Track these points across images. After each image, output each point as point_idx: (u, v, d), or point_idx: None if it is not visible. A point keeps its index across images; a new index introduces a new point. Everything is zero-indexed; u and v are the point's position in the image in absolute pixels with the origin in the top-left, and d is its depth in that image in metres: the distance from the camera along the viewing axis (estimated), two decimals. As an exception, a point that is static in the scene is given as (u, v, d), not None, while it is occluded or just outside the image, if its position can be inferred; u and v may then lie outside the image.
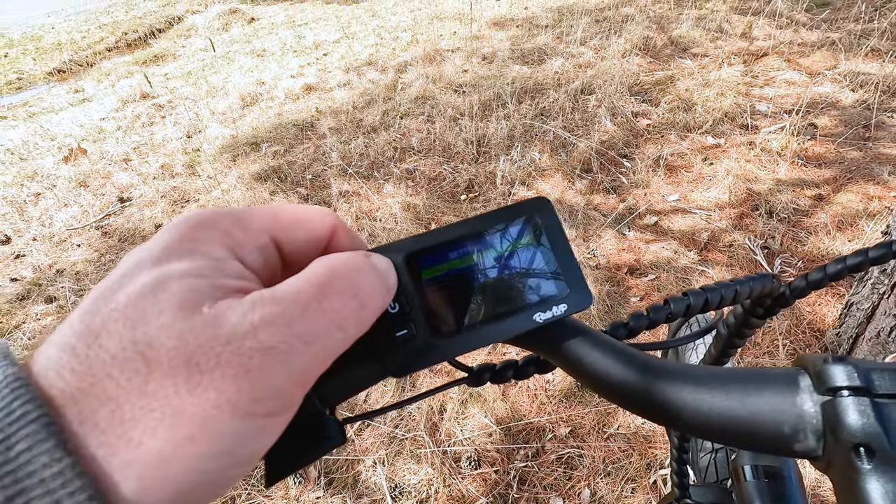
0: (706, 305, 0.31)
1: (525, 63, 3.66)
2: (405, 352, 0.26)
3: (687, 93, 2.99)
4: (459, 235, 0.28)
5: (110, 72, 5.14)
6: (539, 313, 0.27)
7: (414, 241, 0.27)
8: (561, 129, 2.77)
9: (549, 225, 0.29)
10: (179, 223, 0.20)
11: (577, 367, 0.28)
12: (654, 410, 0.25)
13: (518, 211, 0.29)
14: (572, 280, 0.28)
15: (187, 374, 0.16)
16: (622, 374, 0.26)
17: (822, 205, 2.12)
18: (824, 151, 2.43)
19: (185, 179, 2.90)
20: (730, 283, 0.32)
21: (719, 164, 2.43)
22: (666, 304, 0.31)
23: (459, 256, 0.28)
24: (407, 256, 0.27)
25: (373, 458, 1.48)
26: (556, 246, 0.29)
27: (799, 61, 3.21)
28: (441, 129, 2.92)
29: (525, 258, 0.28)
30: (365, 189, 2.58)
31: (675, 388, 0.25)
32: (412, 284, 0.27)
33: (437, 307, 0.26)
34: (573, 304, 0.28)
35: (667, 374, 0.25)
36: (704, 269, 1.90)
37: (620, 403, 0.27)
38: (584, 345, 0.27)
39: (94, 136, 3.62)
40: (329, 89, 3.73)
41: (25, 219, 2.75)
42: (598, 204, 2.32)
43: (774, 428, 0.22)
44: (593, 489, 1.35)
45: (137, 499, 0.15)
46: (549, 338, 0.28)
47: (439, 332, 0.26)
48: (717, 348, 0.44)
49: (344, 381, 0.26)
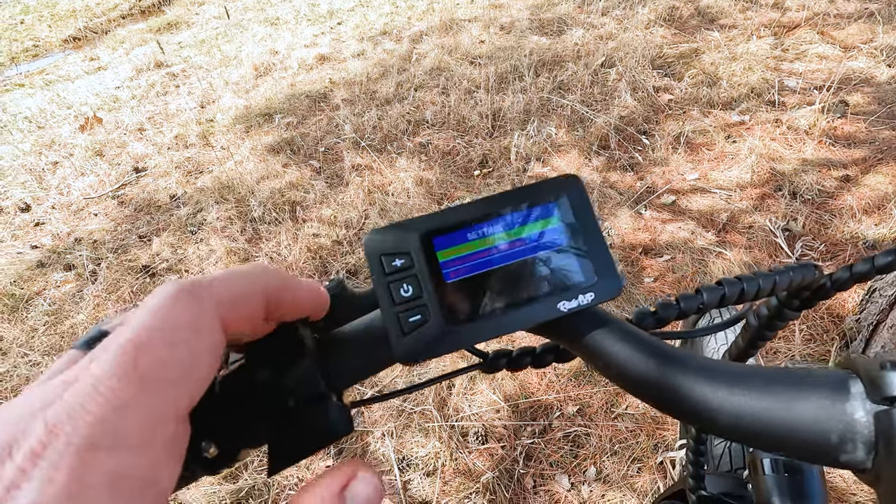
0: (741, 296, 0.29)
1: (544, 34, 3.54)
2: (416, 338, 0.24)
3: (712, 67, 2.87)
4: (480, 214, 0.26)
5: (125, 39, 5.11)
6: (563, 302, 0.25)
7: (430, 219, 0.26)
8: (579, 104, 2.70)
9: (579, 206, 0.27)
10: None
11: (602, 361, 0.26)
12: (687, 411, 0.24)
13: (545, 190, 0.27)
14: (601, 266, 0.26)
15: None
16: (651, 370, 0.24)
17: (848, 186, 2.05)
18: (854, 130, 2.33)
19: (198, 150, 2.90)
20: (768, 272, 0.30)
21: (742, 143, 2.35)
22: (698, 293, 0.29)
23: (479, 237, 0.26)
24: (422, 236, 0.25)
25: (381, 430, 1.50)
26: (585, 229, 0.27)
27: (833, 34, 3.05)
28: (456, 102, 2.86)
29: (550, 241, 0.26)
30: (378, 163, 2.55)
31: (710, 388, 0.23)
32: (427, 267, 0.25)
33: (453, 292, 0.25)
34: (601, 292, 0.26)
35: (701, 372, 0.24)
36: (722, 250, 1.86)
37: (649, 401, 0.25)
38: (609, 336, 0.26)
39: (110, 104, 3.63)
40: (343, 60, 3.67)
41: (44, 187, 2.79)
42: (614, 182, 2.26)
43: (819, 436, 0.20)
44: (599, 467, 1.36)
45: None
46: (572, 328, 0.27)
47: (454, 319, 0.25)
48: (744, 340, 0.42)
49: (351, 366, 0.25)
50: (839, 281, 0.31)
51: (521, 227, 0.26)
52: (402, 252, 0.25)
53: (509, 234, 0.26)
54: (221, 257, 2.15)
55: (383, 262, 0.25)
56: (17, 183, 2.84)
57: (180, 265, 2.17)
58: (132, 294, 2.03)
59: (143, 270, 2.16)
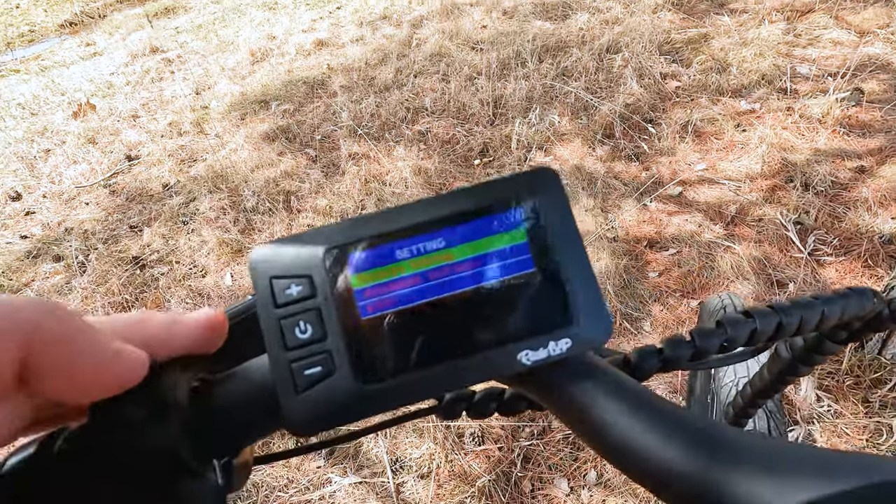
0: (778, 332, 0.22)
1: (548, 18, 3.44)
2: (315, 399, 0.17)
3: (722, 52, 2.77)
4: (415, 223, 0.18)
5: (121, 24, 5.02)
6: (528, 351, 0.18)
7: (344, 227, 0.18)
8: (583, 91, 2.61)
9: (555, 213, 0.19)
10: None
11: (584, 427, 0.19)
12: (681, 496, 0.16)
13: (509, 189, 0.19)
14: (584, 300, 0.19)
15: None
16: (654, 446, 0.17)
17: (863, 178, 1.97)
18: (870, 119, 2.24)
19: (192, 138, 2.83)
20: (813, 299, 0.23)
21: (753, 132, 2.26)
22: (720, 327, 0.22)
23: (412, 256, 0.18)
24: (330, 252, 0.18)
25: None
26: (562, 247, 0.19)
27: (848, 19, 2.94)
28: (456, 88, 2.78)
29: (513, 263, 0.19)
30: (375, 151, 2.48)
31: (770, 484, 0.15)
32: (334, 297, 0.18)
33: (371, 334, 0.18)
34: (580, 338, 0.19)
35: (753, 457, 0.16)
36: (730, 244, 1.79)
37: (652, 488, 0.18)
38: (592, 393, 0.19)
39: (104, 91, 3.56)
40: (341, 45, 3.58)
41: (35, 175, 2.73)
42: (618, 172, 2.19)
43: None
44: (600, 471, 1.30)
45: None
46: (540, 379, 0.20)
47: (371, 372, 0.18)
48: (771, 373, 0.34)
49: (234, 428, 0.19)
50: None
51: (472, 244, 0.19)
52: (301, 275, 0.18)
53: (454, 253, 0.19)
54: (213, 248, 2.10)
55: (274, 287, 0.18)
56: (9, 171, 2.79)
57: (171, 256, 2.12)
58: (120, 286, 1.98)
59: (133, 262, 2.11)
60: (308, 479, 1.36)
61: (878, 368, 1.36)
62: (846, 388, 1.35)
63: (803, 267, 1.67)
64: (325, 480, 1.35)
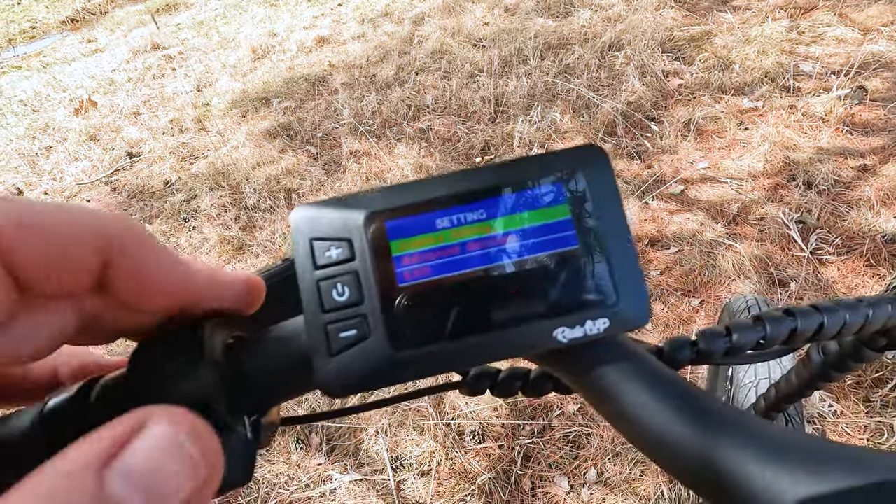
0: (819, 333, 0.22)
1: (550, 15, 3.42)
2: (348, 362, 0.17)
3: (724, 50, 2.76)
4: (457, 193, 0.18)
5: (122, 21, 5.02)
6: (563, 328, 0.18)
7: (386, 193, 0.18)
8: (585, 89, 2.60)
9: (601, 190, 0.19)
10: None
11: (614, 410, 0.19)
12: (724, 494, 0.16)
13: (554, 163, 0.19)
14: (623, 281, 0.18)
15: None
16: (687, 435, 0.17)
17: (866, 176, 1.96)
18: (873, 117, 2.23)
19: (194, 135, 2.83)
20: (857, 301, 0.22)
21: (755, 130, 2.26)
22: (759, 322, 0.21)
23: (453, 226, 0.18)
24: (371, 217, 0.18)
25: (375, 427, 1.45)
26: (605, 224, 0.19)
27: (852, 16, 2.93)
28: (458, 86, 2.77)
29: (555, 239, 0.19)
30: (376, 149, 2.48)
31: (784, 474, 0.15)
32: (373, 261, 0.18)
33: (408, 301, 0.18)
34: (619, 319, 0.18)
35: (772, 446, 0.16)
36: (732, 243, 1.78)
37: (685, 481, 0.17)
38: (625, 378, 0.19)
39: (105, 88, 3.56)
40: (343, 42, 3.57)
41: (37, 172, 2.74)
42: (620, 170, 2.18)
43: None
44: (600, 469, 1.31)
45: None
46: (573, 359, 0.20)
47: (408, 339, 0.18)
48: (800, 379, 0.33)
49: (267, 385, 0.19)
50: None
51: (513, 217, 0.19)
52: (342, 238, 0.18)
53: (496, 225, 0.19)
54: (215, 245, 2.10)
55: (314, 249, 0.18)
56: (10, 168, 2.79)
57: (173, 254, 2.12)
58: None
59: (134, 259, 2.11)
60: (308, 477, 1.36)
61: (880, 368, 1.36)
62: (847, 388, 1.35)
63: (805, 266, 1.67)
64: (325, 477, 1.36)
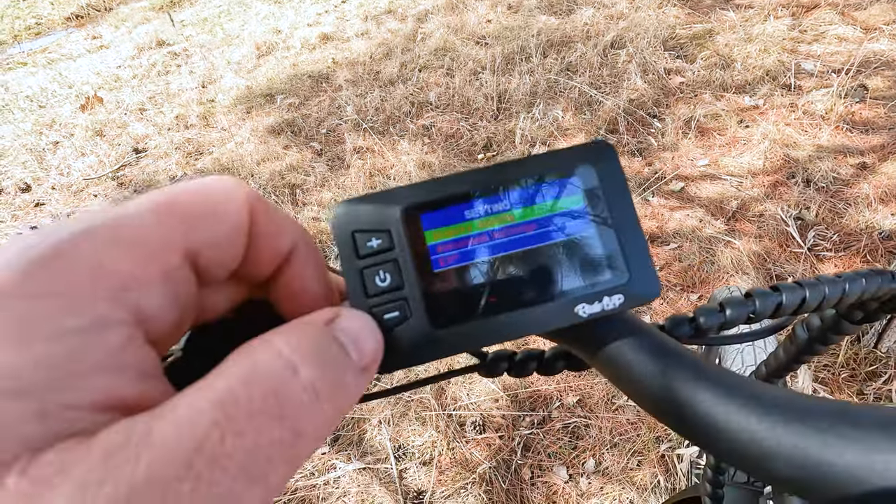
0: (802, 306, 0.24)
1: (553, 13, 3.44)
2: (393, 342, 0.20)
3: (726, 48, 2.77)
4: (482, 187, 0.21)
5: (127, 17, 5.04)
6: (584, 304, 0.21)
7: (419, 188, 0.21)
8: (587, 86, 2.62)
9: (611, 182, 0.22)
10: (10, 263, 0.11)
11: (625, 378, 0.21)
12: (730, 450, 0.19)
13: (568, 159, 0.21)
14: (635, 261, 0.21)
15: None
16: (688, 397, 0.19)
17: (865, 174, 1.98)
18: (873, 116, 2.24)
19: (199, 131, 2.86)
20: (836, 277, 0.25)
21: (756, 128, 2.27)
22: (749, 298, 0.24)
23: (480, 217, 0.21)
24: (407, 210, 0.20)
25: (378, 417, 1.48)
26: (616, 212, 0.21)
27: (854, 14, 2.93)
28: (461, 83, 2.79)
29: (571, 226, 0.21)
30: (380, 145, 2.50)
31: (765, 424, 0.18)
32: (411, 251, 0.20)
33: (442, 284, 0.20)
34: (632, 295, 0.21)
35: (752, 401, 0.18)
36: (731, 239, 1.80)
37: (680, 431, 0.20)
38: (636, 349, 0.21)
39: (111, 84, 3.59)
40: (346, 39, 3.59)
41: (45, 167, 2.77)
42: (622, 167, 2.20)
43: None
44: (598, 459, 1.33)
45: None
46: (591, 335, 0.22)
47: (444, 319, 0.20)
48: (787, 353, 0.35)
49: None
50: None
51: (533, 207, 0.21)
52: (381, 230, 0.20)
53: (518, 215, 0.21)
54: (220, 240, 2.13)
55: (356, 240, 0.20)
56: (18, 163, 2.82)
57: (179, 248, 2.15)
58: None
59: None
60: (313, 465, 1.39)
61: (874, 361, 1.38)
62: (842, 381, 1.37)
63: (802, 262, 1.69)
64: (329, 466, 1.39)
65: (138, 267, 0.13)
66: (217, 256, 0.15)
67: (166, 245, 0.14)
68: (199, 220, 0.15)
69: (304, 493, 1.33)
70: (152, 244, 0.13)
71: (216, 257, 0.15)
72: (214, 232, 0.15)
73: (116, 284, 0.12)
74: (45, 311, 0.11)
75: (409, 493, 1.32)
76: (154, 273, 0.13)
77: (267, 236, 0.17)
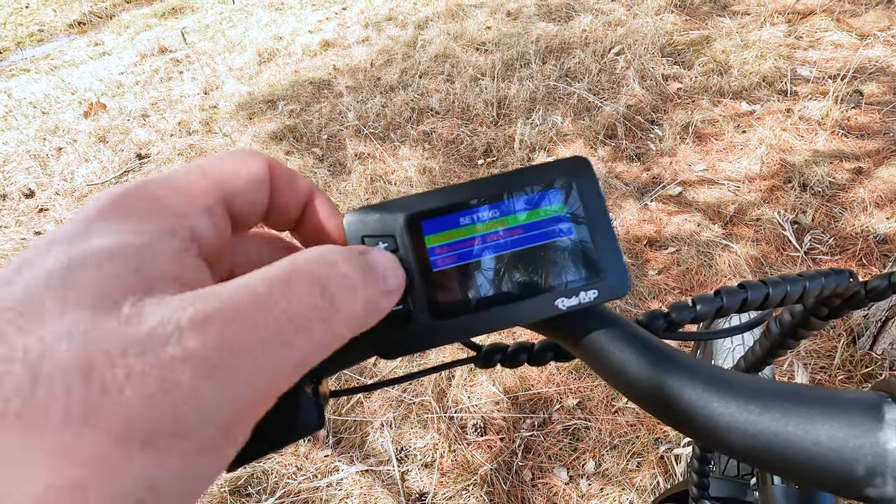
0: (766, 302, 0.27)
1: (552, 20, 3.48)
2: (399, 331, 0.22)
3: (723, 54, 2.81)
4: (475, 197, 0.24)
5: (129, 24, 5.08)
6: (563, 298, 0.23)
7: (419, 199, 0.23)
8: (586, 92, 2.65)
9: (587, 192, 0.24)
10: (101, 197, 0.16)
11: (602, 364, 0.24)
12: (695, 427, 0.21)
13: (550, 173, 0.24)
14: (608, 262, 0.24)
15: (84, 395, 0.12)
16: (655, 377, 0.22)
17: (860, 179, 2.00)
18: (869, 121, 2.27)
19: (201, 137, 2.88)
20: (797, 276, 0.27)
21: (753, 133, 2.30)
22: (717, 295, 0.27)
23: (472, 223, 0.24)
24: (409, 218, 0.23)
25: (380, 420, 1.50)
26: (592, 218, 0.24)
27: (849, 21, 2.97)
28: (461, 89, 2.82)
29: (553, 231, 0.24)
30: (381, 151, 2.53)
31: (721, 402, 0.21)
32: (413, 253, 0.23)
33: (442, 282, 0.23)
34: (605, 291, 0.24)
35: (712, 383, 0.21)
36: (728, 243, 1.83)
37: (653, 411, 0.23)
38: (612, 339, 0.24)
39: (114, 90, 3.61)
40: (347, 46, 3.62)
41: (48, 173, 2.79)
42: (620, 172, 2.23)
43: (843, 466, 0.18)
44: (598, 461, 1.35)
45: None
46: (571, 326, 0.25)
47: (442, 311, 0.23)
48: (762, 348, 0.39)
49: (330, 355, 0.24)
50: (875, 290, 0.28)
51: (519, 214, 0.24)
52: (387, 234, 0.23)
53: (506, 221, 0.24)
54: (223, 245, 2.14)
55: (365, 244, 0.23)
56: (22, 168, 2.85)
57: (182, 253, 2.17)
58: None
59: (145, 258, 2.16)
60: (316, 468, 1.41)
61: (869, 363, 1.40)
62: (838, 383, 1.39)
63: (799, 265, 1.71)
64: (332, 468, 1.40)
65: (187, 203, 0.17)
66: (246, 202, 0.19)
67: (205, 191, 0.18)
68: (229, 174, 0.19)
69: (308, 496, 1.35)
70: (195, 190, 0.18)
71: (246, 203, 0.19)
72: (242, 183, 0.19)
73: (173, 212, 0.16)
74: (130, 221, 0.15)
75: (412, 494, 1.34)
76: (199, 208, 0.17)
77: (286, 187, 0.21)
